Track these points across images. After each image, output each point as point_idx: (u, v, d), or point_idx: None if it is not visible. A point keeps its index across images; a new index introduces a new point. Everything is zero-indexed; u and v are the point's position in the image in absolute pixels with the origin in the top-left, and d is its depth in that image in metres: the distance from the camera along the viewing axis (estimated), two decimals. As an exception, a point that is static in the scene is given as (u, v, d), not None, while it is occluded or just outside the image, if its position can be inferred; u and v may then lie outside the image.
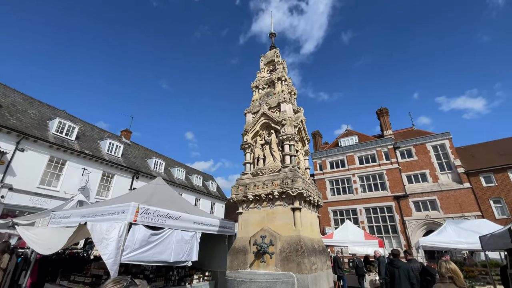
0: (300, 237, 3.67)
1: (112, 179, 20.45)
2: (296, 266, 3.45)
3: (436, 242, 11.63)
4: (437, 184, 23.40)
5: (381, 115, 31.44)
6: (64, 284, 5.19)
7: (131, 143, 26.41)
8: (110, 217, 4.64)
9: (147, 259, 4.64)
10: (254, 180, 4.40)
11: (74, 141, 18.67)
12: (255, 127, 4.92)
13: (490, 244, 6.60)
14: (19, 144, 15.34)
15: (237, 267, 3.87)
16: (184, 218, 5.72)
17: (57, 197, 16.42)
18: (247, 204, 4.33)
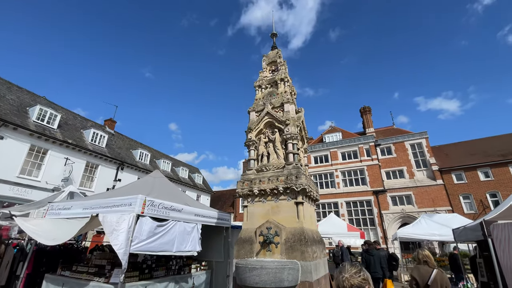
0: (303, 229, 4.04)
1: (96, 169, 19.93)
2: (300, 254, 3.82)
3: (411, 234, 12.67)
4: (413, 180, 24.95)
5: (364, 113, 32.69)
6: (67, 274, 5.26)
7: (115, 133, 25.68)
8: (117, 209, 4.76)
9: (153, 249, 4.84)
10: (259, 175, 4.69)
11: (56, 130, 17.93)
12: (259, 126, 5.18)
13: (462, 236, 7.38)
14: (-4, 131, 14.53)
15: (244, 255, 4.18)
16: (186, 210, 5.93)
17: (39, 188, 15.84)
18: (252, 198, 4.62)
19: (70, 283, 4.99)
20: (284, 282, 3.38)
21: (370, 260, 7.19)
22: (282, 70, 5.84)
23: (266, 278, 3.34)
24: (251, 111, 5.47)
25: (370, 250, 7.57)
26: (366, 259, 7.46)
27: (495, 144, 24.57)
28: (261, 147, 5.08)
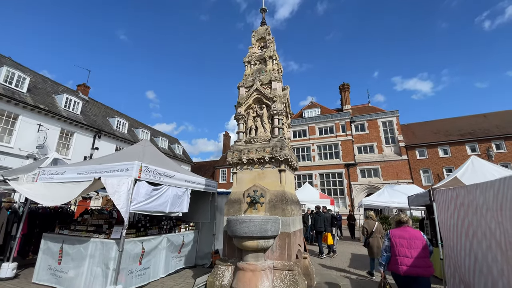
0: (284, 191, 4.76)
1: (72, 137, 19.29)
2: (281, 211, 4.57)
3: (375, 201, 14.42)
4: (381, 155, 27.13)
5: (343, 90, 33.76)
6: (65, 233, 5.69)
7: (89, 99, 24.45)
8: (114, 174, 5.12)
9: (150, 209, 5.37)
10: (248, 146, 5.24)
11: (26, 94, 16.83)
12: (248, 101, 5.61)
13: (414, 202, 8.73)
14: (-43, 93, 13.41)
15: (233, 213, 4.87)
16: (177, 177, 6.43)
17: (12, 154, 15.26)
18: (241, 165, 5.21)
19: (70, 239, 5.44)
20: (268, 232, 4.13)
21: (317, 219, 10.02)
22: (270, 47, 6.15)
23: (254, 229, 4.06)
24: (241, 87, 5.85)
25: (319, 212, 10.49)
26: (315, 218, 10.17)
27: (457, 124, 27.09)
28: (249, 121, 5.57)
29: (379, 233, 6.85)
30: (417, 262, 3.41)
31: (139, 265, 5.45)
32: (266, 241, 4.22)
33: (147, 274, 5.66)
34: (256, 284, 4.02)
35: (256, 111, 5.58)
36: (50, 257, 5.54)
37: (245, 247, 4.22)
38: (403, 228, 3.72)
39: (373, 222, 7.00)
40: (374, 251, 6.63)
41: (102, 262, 4.94)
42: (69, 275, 5.15)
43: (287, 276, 4.15)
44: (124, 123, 25.44)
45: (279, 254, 4.45)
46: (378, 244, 6.58)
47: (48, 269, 5.45)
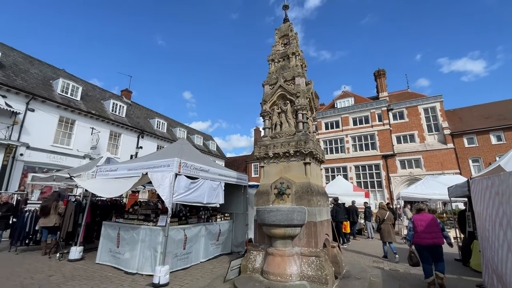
0: (310, 183, 4.99)
1: (119, 138, 21.49)
2: (307, 202, 4.82)
3: (413, 193, 13.65)
4: (423, 144, 25.30)
5: (378, 76, 31.90)
6: (120, 221, 6.65)
7: (132, 103, 26.79)
8: (158, 169, 5.84)
9: (189, 200, 6.01)
10: (273, 141, 5.55)
11: (80, 101, 19.14)
12: (272, 98, 5.88)
13: (453, 193, 8.24)
14: (28, 105, 15.80)
15: (262, 204, 5.25)
16: (212, 171, 7.02)
17: (71, 155, 17.58)
18: (268, 160, 5.55)
19: (125, 227, 6.35)
20: (294, 221, 4.43)
21: (338, 211, 10.78)
22: (293, 44, 6.31)
23: (281, 217, 4.39)
24: (265, 84, 6.13)
25: (338, 204, 11.25)
26: (336, 210, 10.84)
27: (511, 107, 24.01)
28: (274, 117, 5.85)
29: (390, 220, 8.02)
30: (433, 236, 4.94)
31: (183, 250, 6.17)
32: (292, 229, 4.53)
33: (189, 258, 6.37)
34: (284, 268, 4.36)
35: (280, 107, 5.83)
36: (109, 241, 6.53)
37: (274, 234, 4.57)
38: (422, 214, 5.31)
39: (385, 212, 8.16)
40: (385, 235, 7.86)
41: (151, 246, 5.72)
42: (126, 256, 6.04)
43: (314, 261, 4.42)
44: (163, 123, 27.41)
45: (306, 241, 4.73)
46: (389, 229, 7.85)
47: (109, 251, 6.45)
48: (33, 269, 5.67)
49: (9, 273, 5.26)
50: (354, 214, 11.82)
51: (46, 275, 5.30)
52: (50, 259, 6.69)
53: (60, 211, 7.37)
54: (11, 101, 14.75)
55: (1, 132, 14.11)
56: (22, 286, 4.58)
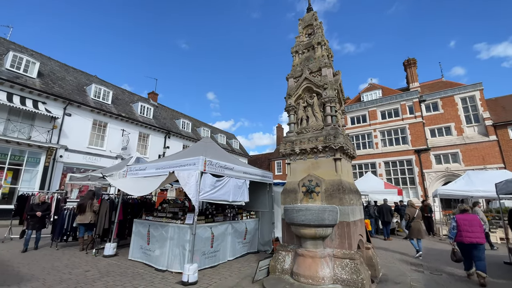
0: (341, 180, 4.68)
1: (147, 138, 22.37)
2: (338, 201, 4.52)
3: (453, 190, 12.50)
4: (461, 137, 23.32)
5: (408, 66, 29.91)
6: (150, 219, 6.82)
7: (158, 105, 27.77)
8: (184, 168, 5.87)
9: (215, 198, 5.97)
10: (299, 137, 5.29)
11: (111, 105, 20.17)
12: (298, 91, 5.62)
13: (503, 189, 7.37)
14: (65, 110, 16.92)
15: (289, 202, 5.03)
16: (236, 169, 6.93)
17: (105, 156, 18.59)
18: (294, 156, 5.31)
19: (154, 225, 6.49)
20: (325, 221, 4.16)
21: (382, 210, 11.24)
22: (318, 33, 5.98)
23: (310, 217, 4.15)
24: (290, 78, 5.88)
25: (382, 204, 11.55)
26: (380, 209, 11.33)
27: None
28: (300, 111, 5.58)
29: (419, 218, 8.06)
30: (475, 235, 5.15)
31: (211, 248, 6.16)
32: (324, 230, 4.26)
33: (217, 256, 6.35)
34: (316, 270, 4.12)
35: (306, 100, 5.55)
36: (140, 239, 6.71)
37: (303, 234, 4.35)
38: (465, 214, 5.55)
39: (414, 209, 8.19)
40: (415, 233, 7.84)
41: (179, 244, 5.76)
42: (156, 253, 6.16)
43: (348, 264, 4.13)
44: (188, 123, 28.10)
45: (338, 242, 4.44)
46: (419, 227, 7.85)
47: (140, 248, 6.63)
48: (72, 264, 5.98)
49: (50, 268, 5.59)
50: (388, 213, 11.10)
51: (83, 270, 5.55)
52: (87, 254, 7.04)
53: (94, 209, 7.74)
54: (50, 107, 15.90)
55: (42, 136, 15.29)
56: (62, 280, 4.82)
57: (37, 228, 7.42)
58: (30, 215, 7.37)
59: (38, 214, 7.32)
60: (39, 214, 7.35)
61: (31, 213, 7.36)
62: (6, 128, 13.84)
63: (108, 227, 7.78)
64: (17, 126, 14.40)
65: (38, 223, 7.42)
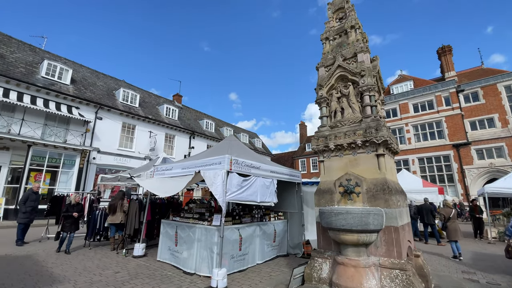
0: (386, 179, 4.11)
1: (173, 139, 22.84)
2: (384, 202, 3.96)
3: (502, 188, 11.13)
4: (506, 130, 21.03)
5: (443, 54, 27.58)
6: (177, 220, 6.69)
7: (183, 106, 28.29)
8: (210, 167, 5.62)
9: (242, 199, 5.65)
10: (334, 131, 4.79)
11: (138, 108, 20.82)
12: (330, 81, 5.10)
13: None
14: (97, 114, 17.69)
15: (324, 204, 4.55)
16: (263, 168, 6.56)
17: (134, 157, 19.21)
18: (328, 153, 4.81)
19: (181, 225, 6.33)
20: (369, 225, 3.64)
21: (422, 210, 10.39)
22: (351, 16, 5.39)
23: (352, 221, 3.65)
24: (320, 67, 5.38)
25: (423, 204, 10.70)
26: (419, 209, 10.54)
27: None
28: (333, 103, 5.06)
29: (455, 218, 7.73)
30: None
31: (239, 251, 5.86)
32: (368, 236, 3.74)
33: (246, 259, 6.04)
34: (360, 281, 3.62)
35: (340, 90, 5.02)
36: (168, 240, 6.60)
37: (343, 240, 3.86)
38: None
39: (450, 209, 7.91)
40: (452, 234, 7.48)
41: (207, 246, 5.52)
42: (183, 255, 5.99)
43: (399, 276, 3.57)
44: (211, 123, 28.34)
45: (385, 250, 3.89)
46: (455, 228, 7.52)
47: (168, 249, 6.52)
48: (102, 265, 6.00)
49: (82, 269, 5.63)
50: (429, 214, 10.05)
51: (113, 271, 5.52)
52: (117, 254, 7.10)
53: (124, 209, 7.80)
54: (83, 111, 16.71)
55: (77, 139, 16.09)
56: (92, 282, 4.78)
57: (72, 230, 7.33)
58: (65, 216, 7.32)
59: (75, 215, 7.26)
60: (76, 215, 7.29)
61: (66, 214, 7.33)
62: (43, 133, 14.74)
63: (138, 227, 7.81)
64: (53, 130, 15.29)
65: (73, 224, 7.34)
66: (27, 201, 7.35)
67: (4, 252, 6.59)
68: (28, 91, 14.36)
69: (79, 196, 8.15)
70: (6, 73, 13.63)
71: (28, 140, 13.26)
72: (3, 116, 13.33)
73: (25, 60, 15.77)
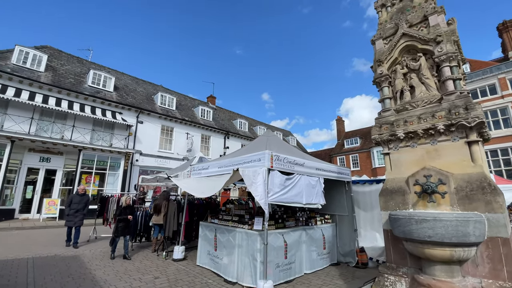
0: (483, 174, 3.07)
1: (209, 140, 23.04)
2: (485, 205, 2.94)
3: None
4: None
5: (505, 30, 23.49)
6: (215, 222, 6.26)
7: (216, 107, 28.55)
8: (248, 165, 5.05)
9: (286, 200, 4.97)
10: (402, 116, 3.83)
11: (175, 111, 21.36)
12: (392, 55, 4.14)
13: None
14: (138, 118, 18.46)
15: (394, 207, 3.64)
16: (308, 164, 5.79)
17: (173, 158, 19.70)
18: (396, 143, 3.87)
19: (220, 229, 5.85)
20: (470, 237, 2.68)
21: None
22: (414, -25, 4.36)
23: (444, 231, 2.72)
24: (377, 39, 4.42)
25: None
26: None
27: None
28: (398, 81, 4.09)
29: None
30: None
31: (285, 259, 5.17)
32: (466, 250, 2.77)
33: (292, 269, 5.32)
34: (457, 312, 2.67)
35: (407, 65, 4.03)
36: (207, 243, 6.19)
37: (429, 256, 2.93)
38: None
39: None
40: None
41: (249, 253, 4.94)
42: (224, 261, 5.50)
43: (518, 308, 2.55)
44: (245, 123, 28.12)
45: (489, 270, 2.86)
46: None
47: (207, 254, 6.09)
48: (143, 268, 5.79)
49: (122, 272, 5.46)
50: None
51: (153, 276, 5.24)
52: (158, 256, 6.92)
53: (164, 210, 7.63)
54: (125, 116, 17.55)
55: (121, 142, 16.94)
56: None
57: (125, 233, 6.75)
58: (120, 220, 6.70)
59: (130, 218, 6.83)
60: (130, 218, 6.87)
61: (121, 217, 6.73)
62: (92, 137, 15.75)
63: (177, 229, 7.59)
64: (100, 135, 16.28)
65: (126, 228, 6.78)
66: (71, 204, 7.56)
67: (54, 252, 6.82)
68: (77, 100, 15.46)
69: (130, 198, 7.93)
70: (58, 84, 14.84)
71: (79, 144, 14.22)
72: (56, 124, 14.52)
73: (73, 71, 17.10)
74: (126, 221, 6.82)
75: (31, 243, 7.97)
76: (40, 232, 10.10)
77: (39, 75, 14.52)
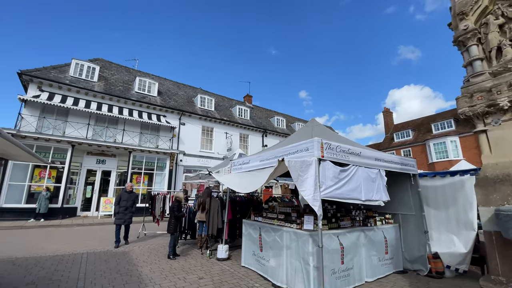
0: None
1: (247, 139, 22.94)
2: None
3: None
4: None
5: None
6: (259, 220, 5.80)
7: (253, 106, 28.41)
8: (294, 156, 4.46)
9: (341, 196, 4.26)
10: (504, 79, 2.86)
11: (214, 111, 21.71)
12: (480, 3, 3.17)
13: None
14: (180, 120, 19.13)
15: (498, 201, 2.71)
16: (365, 154, 4.96)
17: (214, 157, 19.99)
18: (496, 116, 2.91)
19: (265, 227, 5.36)
20: None
21: None
22: None
23: None
24: (456, -11, 3.46)
25: None
26: None
27: None
28: (492, 35, 3.09)
29: None
30: None
31: (342, 264, 4.44)
32: None
33: (351, 276, 4.56)
34: None
35: (502, 13, 3.02)
36: (252, 243, 5.75)
37: None
38: None
39: None
40: None
41: (299, 256, 4.34)
42: (271, 264, 4.99)
43: None
44: (282, 120, 27.45)
45: None
46: None
47: (252, 254, 5.66)
48: (187, 267, 5.61)
49: (168, 270, 5.32)
50: None
51: (197, 276, 4.98)
52: (202, 255, 6.74)
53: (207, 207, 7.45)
54: (169, 119, 18.32)
55: (166, 144, 17.72)
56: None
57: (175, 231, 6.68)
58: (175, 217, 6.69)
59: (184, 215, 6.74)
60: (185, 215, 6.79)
61: (179, 214, 6.78)
62: (140, 140, 16.75)
63: (222, 226, 7.35)
64: (147, 137, 17.24)
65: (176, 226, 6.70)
66: (120, 201, 7.76)
67: (106, 248, 7.11)
68: (126, 105, 16.61)
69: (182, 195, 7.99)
70: (109, 92, 16.12)
71: (129, 147, 15.18)
72: (109, 128, 15.75)
73: (122, 79, 18.47)
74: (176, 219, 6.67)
75: (88, 238, 8.53)
76: (97, 228, 10.89)
77: (93, 84, 15.97)
